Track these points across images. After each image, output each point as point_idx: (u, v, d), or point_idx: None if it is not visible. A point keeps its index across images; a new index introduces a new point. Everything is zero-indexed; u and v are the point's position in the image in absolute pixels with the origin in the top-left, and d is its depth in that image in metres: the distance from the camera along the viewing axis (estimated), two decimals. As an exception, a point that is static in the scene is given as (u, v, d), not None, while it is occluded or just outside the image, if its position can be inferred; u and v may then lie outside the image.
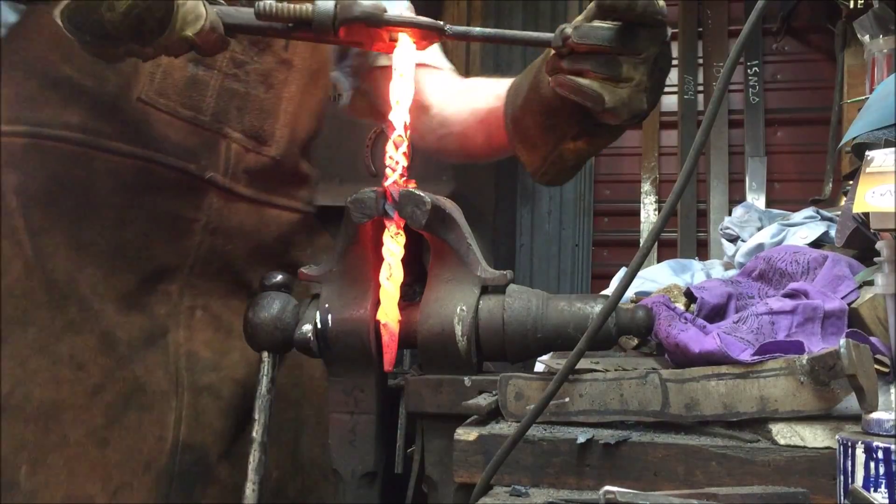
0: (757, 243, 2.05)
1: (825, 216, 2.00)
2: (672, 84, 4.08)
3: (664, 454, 0.94)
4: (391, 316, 1.11)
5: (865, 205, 0.92)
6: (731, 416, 0.97)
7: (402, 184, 1.11)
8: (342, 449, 1.17)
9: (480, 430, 1.00)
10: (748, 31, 0.88)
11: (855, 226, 1.32)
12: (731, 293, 1.33)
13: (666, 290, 1.78)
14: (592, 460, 0.95)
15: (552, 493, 0.93)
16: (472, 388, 1.08)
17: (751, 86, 3.93)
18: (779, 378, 0.96)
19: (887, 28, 2.18)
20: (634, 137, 4.09)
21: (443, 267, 1.14)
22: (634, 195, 4.06)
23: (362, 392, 1.15)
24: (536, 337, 1.10)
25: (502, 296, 1.12)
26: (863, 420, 0.78)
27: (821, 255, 1.31)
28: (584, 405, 1.00)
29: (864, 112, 1.39)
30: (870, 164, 0.95)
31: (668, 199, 0.87)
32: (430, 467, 1.12)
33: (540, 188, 4.07)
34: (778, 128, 3.98)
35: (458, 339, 1.09)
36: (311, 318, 1.14)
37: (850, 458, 0.76)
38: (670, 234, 3.90)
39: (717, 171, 3.93)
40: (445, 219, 1.13)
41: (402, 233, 1.11)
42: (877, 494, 0.74)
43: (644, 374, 1.00)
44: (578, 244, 4.03)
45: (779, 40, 3.95)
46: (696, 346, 1.06)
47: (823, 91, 3.71)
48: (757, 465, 0.91)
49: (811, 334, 1.10)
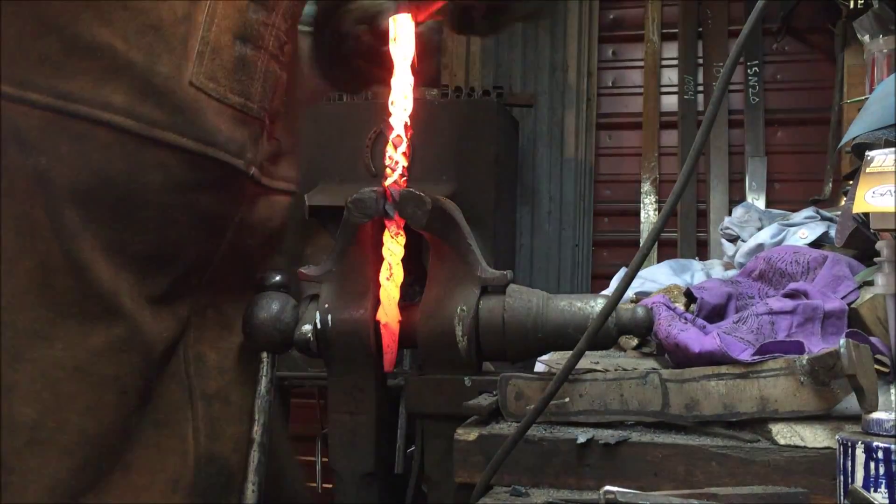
0: (757, 243, 2.05)
1: (825, 216, 2.00)
2: (672, 84, 4.08)
3: (664, 454, 0.93)
4: (391, 316, 1.11)
5: (865, 205, 0.92)
6: (731, 416, 0.97)
7: (402, 184, 1.11)
8: (342, 449, 1.17)
9: (480, 430, 1.00)
10: (748, 31, 0.88)
11: (855, 226, 1.32)
12: (731, 293, 1.33)
13: (666, 290, 1.78)
14: (592, 460, 0.95)
15: (552, 493, 0.93)
16: (472, 388, 1.08)
17: (751, 86, 3.93)
18: (779, 378, 0.96)
19: (887, 28, 2.18)
20: (634, 137, 4.09)
21: (443, 267, 1.14)
22: (634, 195, 4.05)
23: (362, 392, 1.15)
24: (536, 337, 1.10)
25: (502, 296, 1.12)
26: (863, 420, 0.78)
27: (821, 255, 1.31)
28: (584, 405, 1.00)
29: (864, 112, 1.39)
30: (870, 164, 0.95)
31: (668, 199, 0.87)
32: (430, 467, 1.12)
33: (540, 188, 4.06)
34: (778, 128, 3.98)
35: (458, 339, 1.09)
36: (311, 318, 1.14)
37: (850, 458, 0.76)
38: (670, 234, 3.90)
39: (717, 171, 3.93)
40: (445, 219, 1.13)
41: (402, 233, 1.11)
42: (877, 494, 0.74)
43: (644, 374, 1.00)
44: (578, 244, 4.03)
45: (779, 40, 3.95)
46: (696, 346, 1.06)
47: (823, 91, 3.71)
48: (757, 465, 0.91)
49: (811, 334, 1.10)
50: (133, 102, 1.01)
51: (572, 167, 4.04)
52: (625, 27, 4.15)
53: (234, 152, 1.07)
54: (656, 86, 4.08)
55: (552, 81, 4.09)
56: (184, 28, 1.01)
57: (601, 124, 4.14)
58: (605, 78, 4.18)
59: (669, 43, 4.11)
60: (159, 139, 1.02)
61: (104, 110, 0.99)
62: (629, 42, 4.16)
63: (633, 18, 4.14)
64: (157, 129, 1.02)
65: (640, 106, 4.10)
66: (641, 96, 4.10)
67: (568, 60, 4.09)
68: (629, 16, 4.15)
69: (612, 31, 4.15)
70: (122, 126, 1.00)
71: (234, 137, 1.07)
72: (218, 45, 1.04)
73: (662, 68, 4.11)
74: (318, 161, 3.52)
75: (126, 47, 1.00)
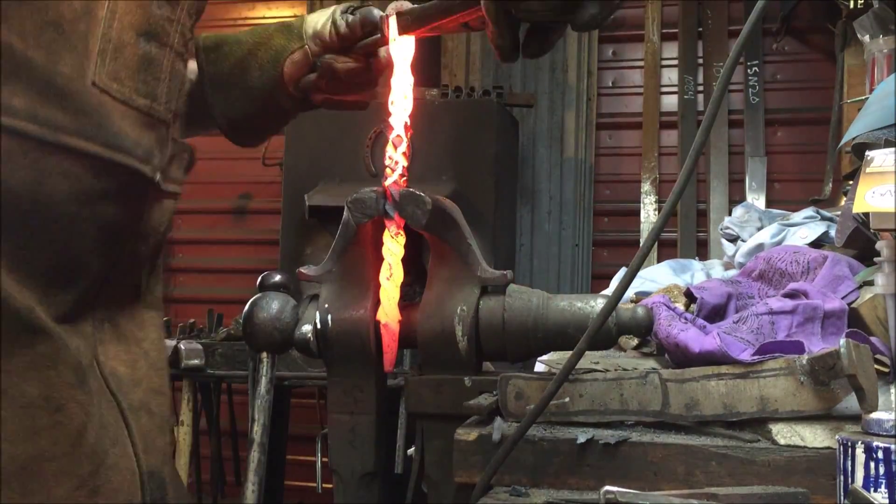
0: (757, 243, 2.05)
1: (825, 216, 2.00)
2: (672, 84, 4.09)
3: (664, 454, 0.93)
4: (391, 316, 1.11)
5: (865, 205, 0.92)
6: (731, 416, 0.97)
7: (402, 184, 1.11)
8: (342, 449, 1.17)
9: (480, 430, 1.00)
10: (748, 31, 0.88)
11: (855, 226, 1.32)
12: (731, 293, 1.33)
13: (666, 290, 1.78)
14: (592, 460, 0.95)
15: (552, 493, 0.93)
16: (472, 388, 1.08)
17: (751, 86, 3.93)
18: (779, 378, 0.96)
19: (887, 28, 2.18)
20: (634, 137, 4.10)
21: (443, 267, 1.14)
22: (634, 195, 4.06)
23: (362, 392, 1.15)
24: (536, 337, 1.10)
25: (502, 296, 1.12)
26: (863, 420, 0.78)
27: (821, 255, 1.31)
28: (584, 405, 1.00)
29: (864, 112, 1.39)
30: (870, 164, 0.95)
31: (668, 199, 0.87)
32: (430, 467, 1.12)
33: (540, 188, 4.07)
34: (778, 128, 3.98)
35: (458, 339, 1.09)
36: (311, 318, 1.14)
37: (850, 458, 0.76)
38: (670, 234, 3.90)
39: (717, 171, 3.93)
40: (445, 219, 1.13)
41: (402, 233, 1.11)
42: (877, 494, 0.74)
43: (644, 374, 1.00)
44: (578, 244, 4.03)
45: (779, 40, 3.95)
46: (696, 345, 1.06)
47: (823, 91, 3.71)
48: (757, 465, 0.91)
49: (811, 334, 1.10)
50: (35, 105, 0.94)
51: (572, 167, 4.05)
52: (625, 27, 4.16)
53: (141, 158, 1.01)
54: (656, 86, 4.08)
55: (552, 81, 4.09)
56: (84, 25, 0.95)
57: (601, 124, 4.14)
58: (605, 78, 4.18)
59: (669, 43, 4.11)
60: (64, 144, 0.95)
61: (4, 115, 0.92)
62: (629, 42, 4.17)
63: (633, 18, 4.15)
64: (61, 133, 0.95)
65: (640, 106, 4.10)
66: (641, 96, 4.10)
67: (568, 60, 4.10)
68: (629, 16, 4.16)
69: (612, 31, 4.16)
70: (24, 131, 0.93)
71: (140, 142, 1.01)
72: (120, 42, 0.99)
73: (662, 68, 4.11)
74: (318, 161, 3.52)
75: (24, 46, 0.93)
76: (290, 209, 3.58)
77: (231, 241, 4.51)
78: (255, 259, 4.31)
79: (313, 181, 3.45)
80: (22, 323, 0.97)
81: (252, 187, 4.46)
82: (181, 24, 1.04)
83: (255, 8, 4.53)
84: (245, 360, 2.99)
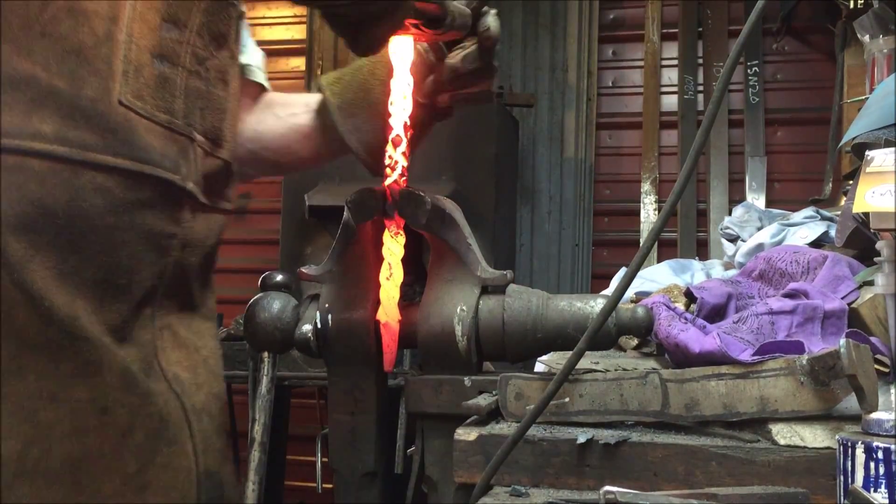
0: (757, 243, 2.05)
1: (825, 216, 2.00)
2: (672, 84, 4.09)
3: (664, 454, 0.93)
4: (391, 316, 1.11)
5: (865, 205, 0.92)
6: (731, 416, 0.97)
7: (402, 183, 1.11)
8: (342, 449, 1.17)
9: (480, 430, 1.00)
10: (748, 31, 0.88)
11: (855, 226, 1.32)
12: (731, 293, 1.33)
13: (666, 290, 1.78)
14: (592, 460, 0.95)
15: (552, 493, 0.93)
16: (472, 388, 1.08)
17: (751, 86, 3.93)
18: (779, 378, 0.96)
19: (887, 28, 2.18)
20: (634, 137, 4.10)
21: (443, 267, 1.14)
22: (634, 195, 4.06)
23: (362, 392, 1.15)
24: (536, 337, 1.10)
25: (502, 296, 1.12)
26: (863, 420, 0.78)
27: (821, 255, 1.31)
28: (584, 405, 1.00)
29: (864, 112, 1.39)
30: (870, 164, 0.95)
31: (668, 199, 0.87)
32: (430, 467, 1.12)
33: (540, 188, 4.06)
34: (778, 128, 3.98)
35: (458, 339, 1.09)
36: (311, 318, 1.14)
37: (850, 458, 0.76)
38: (670, 234, 3.90)
39: (717, 171, 3.93)
40: (445, 219, 1.13)
41: (402, 233, 1.11)
42: (877, 494, 0.74)
43: (644, 374, 1.00)
44: (578, 244, 4.03)
45: (779, 40, 3.95)
46: (696, 346, 1.06)
47: (823, 91, 3.71)
48: (757, 465, 0.91)
49: (811, 334, 1.10)
50: (63, 129, 1.02)
51: (572, 167, 4.05)
52: (625, 27, 4.16)
53: (169, 168, 1.09)
54: (656, 85, 4.08)
55: (552, 81, 4.09)
56: (106, 48, 1.02)
57: (601, 124, 4.14)
58: (605, 78, 4.18)
59: (669, 43, 4.11)
60: (94, 162, 1.03)
61: (34, 140, 1.00)
62: (629, 42, 4.17)
63: (633, 18, 4.15)
64: (90, 152, 1.03)
65: (640, 106, 4.10)
66: (641, 96, 4.10)
67: (568, 60, 4.10)
68: (629, 16, 4.16)
69: (612, 31, 4.16)
70: (55, 154, 1.01)
71: (166, 153, 1.09)
72: (140, 63, 1.07)
73: (662, 68, 4.11)
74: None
75: (48, 75, 1.01)
76: (290, 209, 3.58)
77: (231, 241, 4.51)
78: (255, 259, 4.31)
79: (313, 181, 3.45)
80: (67, 332, 1.03)
81: (252, 187, 4.46)
82: (192, 45, 1.12)
83: (255, 8, 4.53)
84: (245, 360, 2.99)
